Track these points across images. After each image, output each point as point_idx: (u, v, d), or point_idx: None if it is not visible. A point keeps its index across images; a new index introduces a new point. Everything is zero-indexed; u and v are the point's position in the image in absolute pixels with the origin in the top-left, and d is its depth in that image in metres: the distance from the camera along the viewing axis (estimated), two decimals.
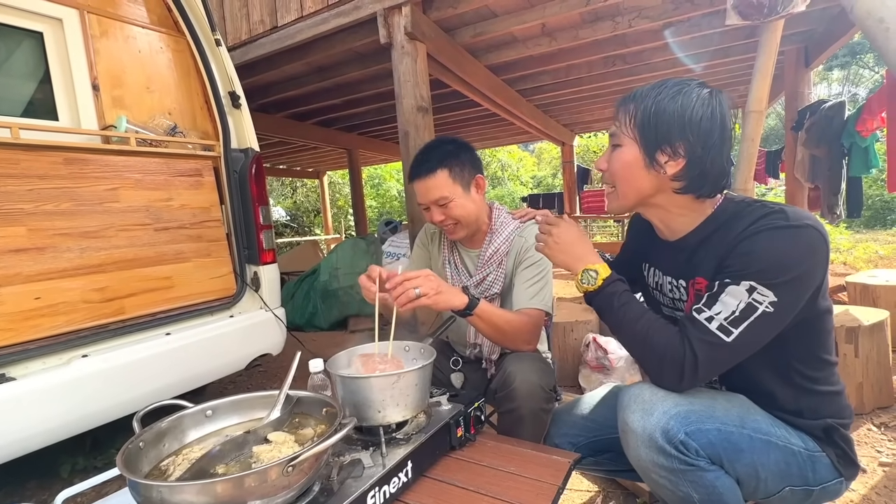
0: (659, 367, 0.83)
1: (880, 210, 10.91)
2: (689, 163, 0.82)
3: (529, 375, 1.13)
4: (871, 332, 1.87)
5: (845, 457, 0.86)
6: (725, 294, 0.78)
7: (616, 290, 0.89)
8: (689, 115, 0.79)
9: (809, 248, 0.76)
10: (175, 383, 1.58)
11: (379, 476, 0.78)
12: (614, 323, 0.90)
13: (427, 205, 1.26)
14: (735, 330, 0.76)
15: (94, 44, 1.60)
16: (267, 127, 4.86)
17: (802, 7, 1.86)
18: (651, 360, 0.85)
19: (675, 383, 0.82)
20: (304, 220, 12.64)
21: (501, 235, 1.29)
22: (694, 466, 0.79)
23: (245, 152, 1.90)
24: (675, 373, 0.81)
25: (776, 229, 0.76)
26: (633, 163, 0.86)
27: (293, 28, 2.90)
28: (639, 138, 0.84)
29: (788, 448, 0.84)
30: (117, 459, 0.63)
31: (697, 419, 0.80)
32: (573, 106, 5.65)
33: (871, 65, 16.46)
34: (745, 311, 0.76)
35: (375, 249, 4.20)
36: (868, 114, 2.88)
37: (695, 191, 0.84)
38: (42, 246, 1.36)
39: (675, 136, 0.81)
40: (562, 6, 2.73)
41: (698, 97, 0.80)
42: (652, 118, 0.82)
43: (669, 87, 0.82)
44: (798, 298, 0.77)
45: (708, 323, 0.78)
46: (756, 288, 0.75)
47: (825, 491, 0.86)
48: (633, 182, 0.87)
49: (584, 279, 0.91)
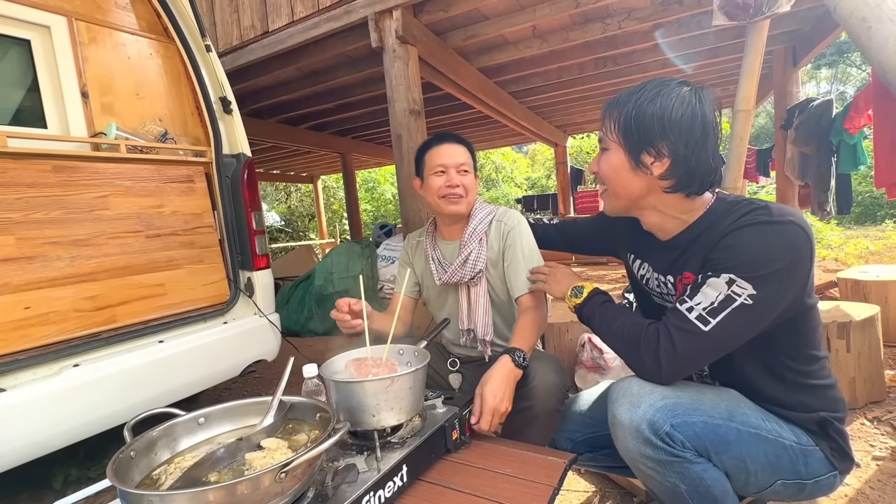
0: (639, 358, 0.87)
1: (870, 206, 11.03)
2: (675, 162, 0.83)
3: (548, 374, 1.14)
4: (863, 328, 1.89)
5: (840, 450, 0.87)
6: (707, 286, 0.80)
7: (600, 299, 1.00)
8: (668, 115, 0.81)
9: (791, 243, 0.77)
10: (169, 391, 1.56)
11: (374, 481, 0.77)
12: (599, 326, 0.98)
13: (447, 168, 1.32)
14: (713, 320, 0.78)
15: (83, 51, 1.59)
16: (259, 132, 4.85)
17: (787, 7, 1.88)
18: (632, 352, 0.88)
19: (655, 373, 0.84)
20: (298, 224, 12.62)
21: (479, 216, 1.37)
22: (680, 458, 0.80)
23: (237, 157, 1.89)
24: (654, 362, 0.84)
25: (758, 224, 0.78)
26: (619, 166, 0.88)
27: (284, 33, 2.90)
28: (623, 142, 0.86)
29: (779, 442, 0.85)
30: (107, 469, 0.63)
31: (684, 412, 0.82)
32: (565, 107, 5.68)
33: (858, 63, 16.68)
34: (723, 302, 0.77)
35: (370, 253, 4.19)
36: (855, 111, 2.92)
37: (684, 189, 0.86)
38: (31, 255, 1.35)
39: (657, 138, 0.82)
40: (552, 8, 2.75)
41: (678, 96, 0.82)
42: (633, 122, 0.84)
43: (649, 88, 0.84)
44: (778, 293, 0.77)
45: (688, 313, 0.80)
46: (735, 280, 0.77)
47: (818, 485, 0.87)
48: (623, 185, 0.90)
49: (573, 294, 1.05)
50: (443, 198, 1.32)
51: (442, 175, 1.32)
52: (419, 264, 1.48)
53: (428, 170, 1.34)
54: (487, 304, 1.35)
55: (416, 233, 1.54)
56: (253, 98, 4.08)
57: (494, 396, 1.03)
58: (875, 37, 1.49)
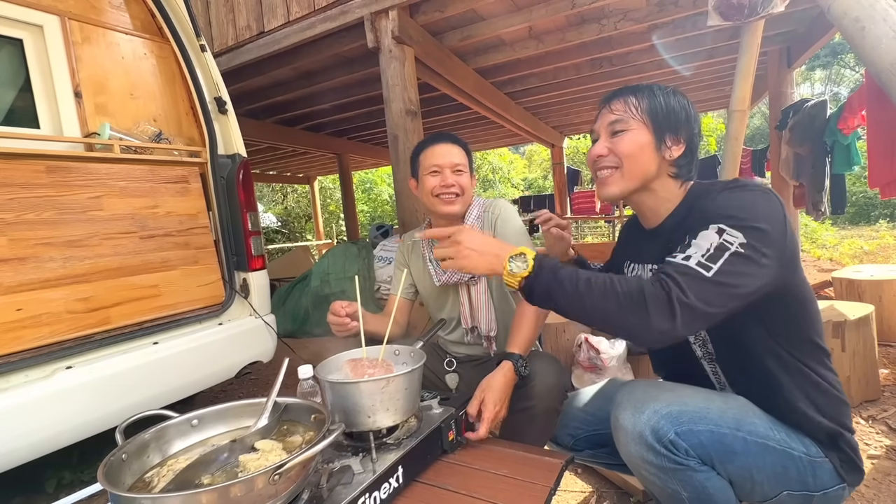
0: (646, 315, 0.71)
1: (864, 206, 11.12)
2: (687, 148, 0.94)
3: (548, 374, 1.14)
4: (858, 327, 1.90)
5: (850, 462, 0.85)
6: (697, 239, 0.78)
7: (554, 264, 0.81)
8: (688, 107, 0.94)
9: (771, 206, 0.79)
10: (163, 393, 1.55)
11: (369, 482, 0.77)
12: (571, 296, 0.77)
13: (442, 168, 1.32)
14: (713, 265, 0.73)
15: (76, 50, 1.57)
16: (255, 132, 4.83)
17: (782, 8, 1.89)
18: (634, 311, 0.72)
19: (669, 326, 0.70)
20: (294, 225, 12.57)
21: (474, 213, 1.39)
22: (684, 466, 0.79)
23: (232, 158, 1.88)
24: (667, 314, 0.70)
25: (740, 188, 0.84)
26: (645, 144, 0.93)
27: (280, 33, 2.89)
28: (650, 123, 0.92)
29: (787, 452, 0.83)
30: (98, 472, 0.62)
31: (689, 420, 0.80)
32: (562, 108, 5.69)
33: (851, 64, 16.80)
34: (718, 250, 0.75)
35: (367, 254, 4.18)
36: (849, 112, 2.93)
37: (685, 175, 0.95)
38: (24, 256, 1.33)
39: (682, 125, 0.93)
40: (548, 9, 2.75)
41: (683, 97, 0.95)
42: (663, 108, 0.93)
43: (662, 88, 0.95)
44: (767, 248, 0.75)
45: (686, 261, 0.75)
46: (725, 230, 0.76)
47: (826, 497, 0.85)
48: (643, 163, 0.93)
49: (513, 267, 0.81)
50: (437, 197, 1.32)
51: (437, 175, 1.32)
52: (416, 266, 1.47)
53: (423, 170, 1.34)
54: (489, 300, 1.35)
55: (411, 233, 1.54)
56: (249, 98, 4.06)
57: (496, 405, 1.04)
58: (868, 37, 1.50)
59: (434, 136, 1.39)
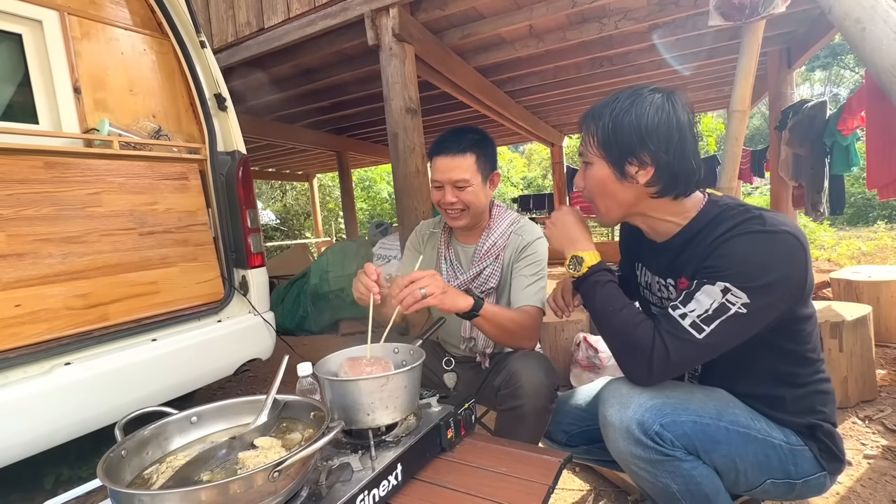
0: (630, 360, 0.86)
1: (862, 207, 11.13)
2: (658, 169, 0.84)
3: (536, 374, 1.14)
4: (855, 327, 1.91)
5: (828, 451, 0.87)
6: (701, 293, 0.79)
7: (600, 279, 0.92)
8: (645, 124, 0.81)
9: (785, 253, 0.77)
10: (162, 390, 1.55)
11: (368, 479, 0.77)
12: (594, 312, 0.92)
13: (443, 183, 1.24)
14: (707, 328, 0.78)
15: (76, 46, 1.57)
16: (255, 129, 4.82)
17: (783, 8, 1.89)
18: (623, 351, 0.87)
19: (643, 376, 0.85)
20: (294, 223, 12.55)
21: (499, 230, 1.32)
22: (670, 457, 0.81)
23: (232, 155, 1.88)
24: (644, 366, 0.83)
25: (753, 233, 0.78)
26: (605, 179, 0.89)
27: (280, 30, 2.88)
28: (605, 155, 0.87)
29: (768, 441, 0.85)
30: (98, 469, 0.62)
31: (672, 411, 0.82)
32: (562, 107, 5.69)
33: (851, 66, 16.82)
34: (717, 310, 0.77)
35: (366, 252, 4.18)
36: (848, 113, 2.94)
37: (670, 192, 0.87)
38: (22, 252, 1.33)
39: (638, 147, 0.83)
40: (549, 8, 2.75)
41: (651, 104, 0.82)
42: (611, 134, 0.84)
43: (623, 99, 0.84)
44: (772, 302, 0.78)
45: (681, 319, 0.80)
46: (730, 289, 0.77)
47: (808, 485, 0.88)
48: (613, 197, 0.90)
49: (570, 265, 0.96)
50: (444, 210, 1.30)
51: (440, 189, 1.27)
52: (429, 257, 1.44)
53: (431, 178, 1.31)
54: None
55: (430, 223, 1.49)
56: (248, 95, 4.05)
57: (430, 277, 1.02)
58: (869, 38, 1.50)
59: (442, 141, 1.26)
